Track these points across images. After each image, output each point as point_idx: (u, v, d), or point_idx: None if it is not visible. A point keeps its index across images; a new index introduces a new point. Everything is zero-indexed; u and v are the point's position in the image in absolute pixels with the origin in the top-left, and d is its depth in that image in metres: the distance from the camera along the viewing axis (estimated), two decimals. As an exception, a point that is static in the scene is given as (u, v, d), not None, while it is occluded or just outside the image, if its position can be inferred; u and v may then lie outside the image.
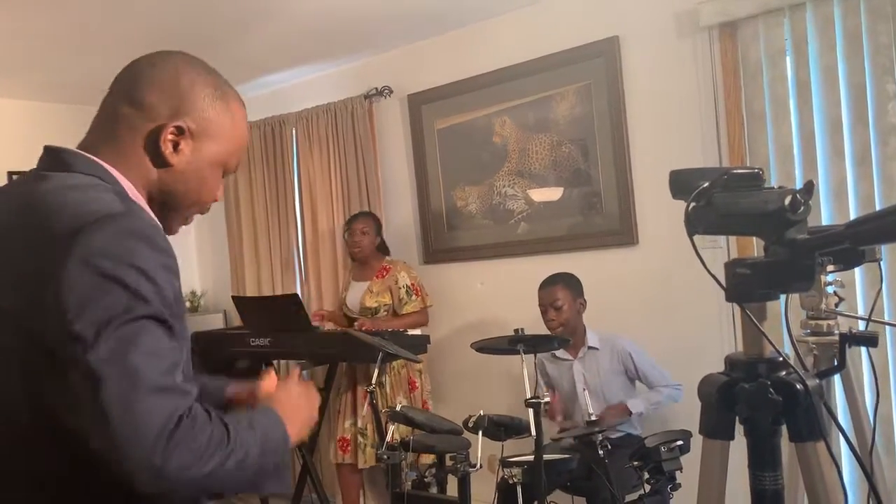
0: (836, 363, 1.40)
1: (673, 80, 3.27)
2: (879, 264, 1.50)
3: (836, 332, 1.49)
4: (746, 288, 0.98)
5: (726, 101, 3.13)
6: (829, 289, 1.52)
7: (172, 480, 0.89)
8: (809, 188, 0.96)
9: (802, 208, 0.95)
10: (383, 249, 3.94)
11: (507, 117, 3.76)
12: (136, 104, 1.10)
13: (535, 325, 3.23)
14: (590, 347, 3.19)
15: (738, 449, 1.09)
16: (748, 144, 3.08)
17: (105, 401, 0.88)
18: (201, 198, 1.17)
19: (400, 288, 3.78)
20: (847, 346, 1.28)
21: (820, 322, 1.54)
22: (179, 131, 1.10)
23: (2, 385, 0.99)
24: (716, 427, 1.06)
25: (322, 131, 4.35)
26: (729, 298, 1.01)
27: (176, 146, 1.10)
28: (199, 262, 5.28)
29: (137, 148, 1.09)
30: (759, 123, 3.05)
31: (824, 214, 2.93)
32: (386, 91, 4.14)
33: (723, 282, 1.00)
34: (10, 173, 4.16)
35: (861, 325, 1.53)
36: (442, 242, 4.06)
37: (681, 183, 1.04)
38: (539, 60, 3.61)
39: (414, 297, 3.80)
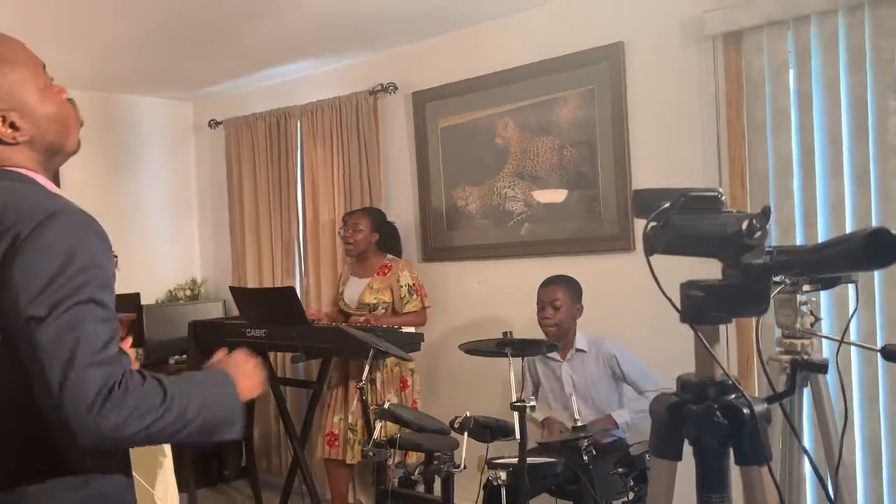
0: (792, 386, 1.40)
1: (676, 87, 3.26)
2: (855, 286, 1.50)
3: (809, 352, 1.49)
4: (699, 310, 0.98)
5: (728, 111, 3.11)
6: (804, 308, 1.52)
7: (111, 438, 1.06)
8: (766, 213, 0.96)
9: (759, 233, 0.95)
10: (385, 247, 3.93)
11: (509, 119, 3.76)
12: None
13: (529, 327, 3.24)
14: (577, 350, 3.20)
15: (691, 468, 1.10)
16: (748, 155, 3.07)
17: (49, 374, 1.05)
18: (65, 121, 1.28)
19: (401, 287, 3.79)
20: (798, 371, 1.28)
21: (794, 341, 1.54)
22: (3, 119, 1.21)
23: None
24: (664, 446, 1.06)
25: (327, 125, 4.37)
26: (683, 319, 1.01)
27: (13, 125, 1.21)
28: (201, 250, 5.31)
29: (2, 149, 1.22)
30: (759, 135, 3.04)
31: (821, 230, 2.92)
32: (391, 87, 4.15)
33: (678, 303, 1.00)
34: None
35: (830, 346, 1.52)
36: (441, 241, 4.07)
37: (642, 202, 1.05)
38: (544, 63, 3.61)
39: (415, 296, 3.80)
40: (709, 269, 1.10)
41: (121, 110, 4.91)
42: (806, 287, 1.47)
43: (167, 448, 2.43)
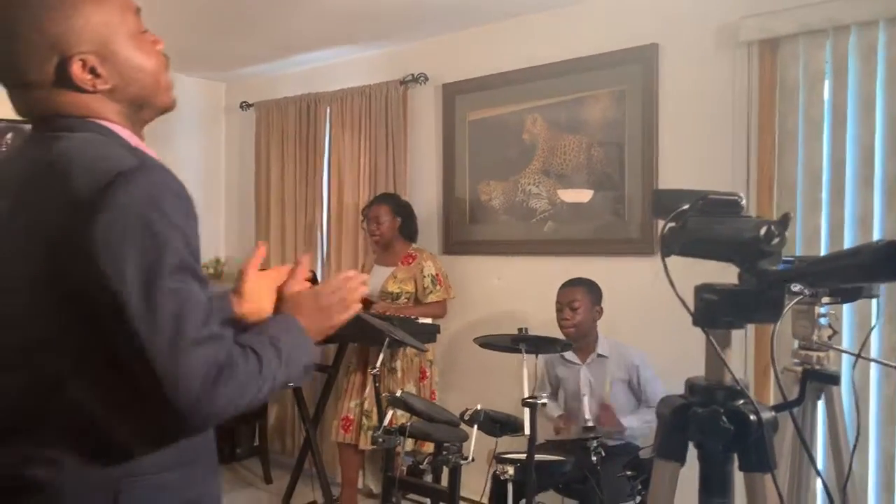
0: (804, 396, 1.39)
1: (708, 92, 3.23)
2: (877, 301, 1.48)
3: (824, 364, 1.47)
4: (712, 314, 0.98)
5: (760, 119, 3.08)
6: (823, 321, 1.50)
7: (220, 416, 1.00)
8: (785, 221, 0.95)
9: (777, 240, 0.95)
10: (408, 235, 3.94)
11: (538, 115, 3.75)
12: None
13: (547, 325, 3.23)
14: (599, 355, 3.19)
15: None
16: (777, 164, 3.04)
17: (153, 359, 0.95)
18: (154, 74, 1.15)
19: (425, 277, 3.80)
20: (808, 381, 1.27)
21: (810, 353, 1.53)
22: (83, 63, 1.07)
23: (43, 347, 1.02)
24: (667, 448, 1.06)
25: (356, 112, 4.39)
26: (696, 323, 1.01)
27: (94, 71, 1.08)
28: (226, 230, 5.36)
29: (80, 96, 1.09)
30: (790, 144, 3.00)
31: (847, 244, 2.88)
32: (422, 78, 4.15)
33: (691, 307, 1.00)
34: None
35: (850, 362, 1.51)
36: (463, 234, 4.07)
37: (661, 203, 1.04)
38: (576, 61, 3.59)
39: (438, 287, 3.81)
40: (729, 276, 1.10)
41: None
42: (825, 299, 1.46)
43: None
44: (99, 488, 1.02)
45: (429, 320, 3.78)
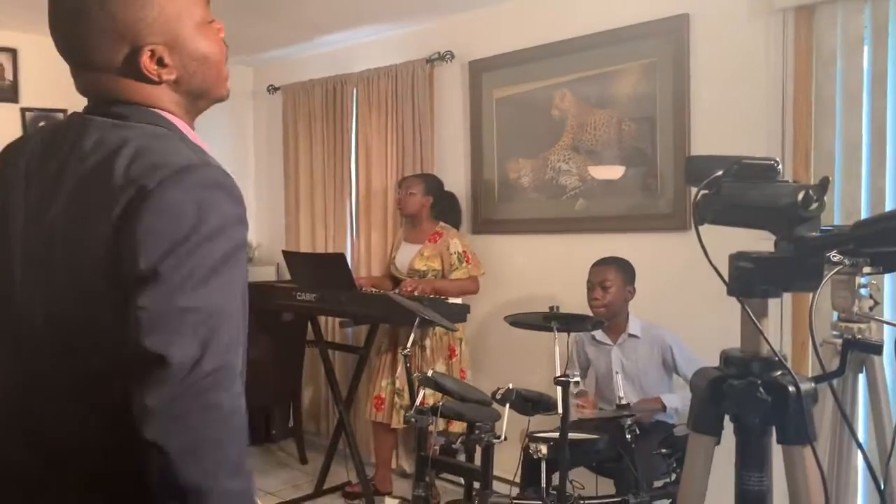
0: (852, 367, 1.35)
1: (741, 63, 3.14)
2: (921, 270, 1.43)
3: (865, 336, 1.42)
4: (747, 283, 0.94)
5: (795, 88, 2.99)
6: (864, 291, 1.45)
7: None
8: (824, 185, 0.91)
9: (815, 205, 0.91)
10: (441, 215, 3.93)
11: (567, 90, 3.69)
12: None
13: (580, 303, 3.20)
14: (630, 335, 3.15)
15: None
16: (814, 135, 2.95)
17: (174, 359, 0.92)
18: (217, 64, 1.14)
19: (451, 254, 3.80)
20: (850, 351, 1.22)
21: (851, 325, 1.48)
22: (152, 54, 1.06)
23: (90, 333, 1.00)
24: (702, 421, 1.03)
25: (382, 93, 4.36)
26: (730, 292, 0.97)
27: (161, 62, 1.07)
28: (257, 214, 5.39)
29: (144, 86, 1.08)
30: (828, 114, 2.91)
31: (888, 214, 2.80)
32: (448, 56, 4.11)
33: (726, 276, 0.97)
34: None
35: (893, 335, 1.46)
36: (491, 213, 4.04)
37: (694, 169, 1.01)
38: (604, 34, 3.52)
39: (465, 264, 3.81)
40: (765, 247, 1.06)
41: (183, 73, 4.98)
42: (866, 269, 1.41)
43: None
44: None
45: (459, 300, 3.77)
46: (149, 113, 1.08)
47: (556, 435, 2.65)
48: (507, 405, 2.68)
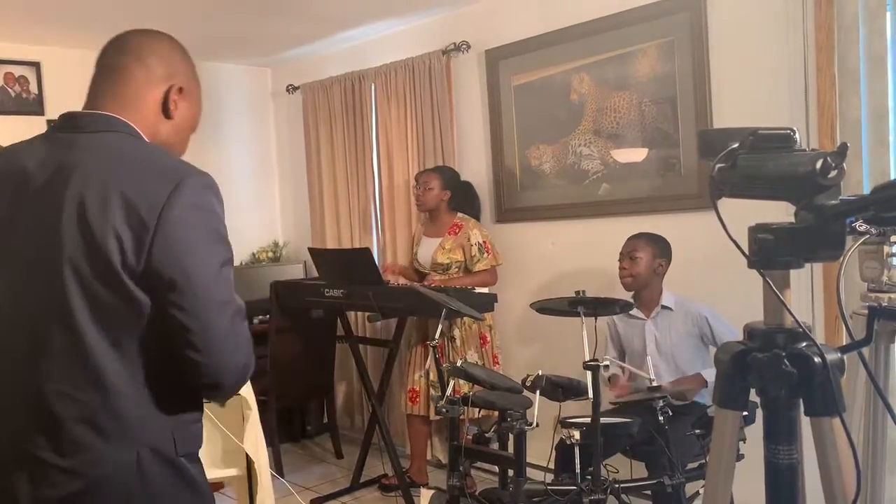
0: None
1: (761, 35, 3.09)
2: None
3: (886, 304, 1.40)
4: (768, 254, 0.93)
5: (817, 58, 2.93)
6: (893, 260, 1.43)
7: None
8: (843, 151, 0.89)
9: (834, 172, 0.89)
10: (460, 207, 3.93)
11: (585, 74, 3.67)
12: (148, 68, 1.32)
13: (607, 287, 3.18)
14: (664, 307, 3.12)
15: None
16: (839, 105, 2.90)
17: (208, 338, 1.22)
18: (182, 150, 1.42)
19: (472, 245, 3.80)
20: (877, 319, 1.20)
21: (881, 295, 1.45)
22: (179, 90, 1.34)
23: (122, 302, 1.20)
24: (728, 396, 1.02)
25: (400, 86, 4.37)
26: (751, 265, 0.96)
27: (175, 103, 1.34)
28: (282, 213, 5.44)
29: (151, 105, 1.32)
30: (852, 83, 2.86)
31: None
32: (464, 46, 4.10)
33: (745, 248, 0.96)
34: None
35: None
36: (514, 201, 4.03)
37: (708, 143, 0.99)
38: (621, 15, 3.49)
39: (486, 255, 3.81)
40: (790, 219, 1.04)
41: (203, 77, 5.02)
42: (895, 238, 1.38)
43: (252, 401, 2.52)
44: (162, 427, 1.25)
45: (485, 290, 3.77)
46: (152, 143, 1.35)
47: (588, 420, 2.63)
48: (538, 392, 2.68)
